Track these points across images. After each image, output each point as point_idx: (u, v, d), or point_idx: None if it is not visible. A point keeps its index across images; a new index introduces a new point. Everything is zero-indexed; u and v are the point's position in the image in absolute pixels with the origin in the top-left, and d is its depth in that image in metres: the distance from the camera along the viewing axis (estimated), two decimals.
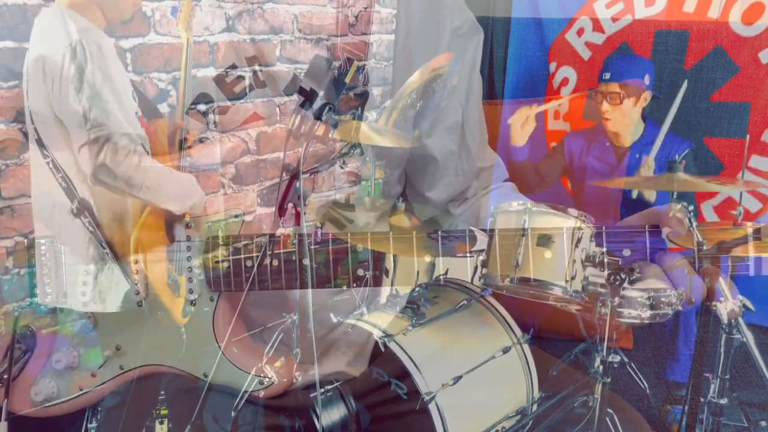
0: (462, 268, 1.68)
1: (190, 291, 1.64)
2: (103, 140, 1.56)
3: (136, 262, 1.62)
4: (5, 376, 1.61)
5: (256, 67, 2.32)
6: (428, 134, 2.44)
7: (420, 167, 2.58)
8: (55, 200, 1.63)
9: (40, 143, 1.62)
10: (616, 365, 1.52)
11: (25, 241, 1.81)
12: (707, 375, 1.66)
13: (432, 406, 1.58)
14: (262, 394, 1.64)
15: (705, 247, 1.44)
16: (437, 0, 2.46)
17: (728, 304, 1.54)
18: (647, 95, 2.48)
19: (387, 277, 1.66)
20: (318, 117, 1.44)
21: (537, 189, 2.72)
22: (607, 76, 2.52)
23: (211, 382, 1.65)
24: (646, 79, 2.51)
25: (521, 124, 2.53)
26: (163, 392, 1.68)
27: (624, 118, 2.49)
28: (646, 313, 1.62)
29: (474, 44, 2.63)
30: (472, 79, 2.66)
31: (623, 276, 1.48)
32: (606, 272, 1.49)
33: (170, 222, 1.66)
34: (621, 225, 1.59)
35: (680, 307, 1.56)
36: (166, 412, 1.65)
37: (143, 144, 1.68)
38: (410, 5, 2.52)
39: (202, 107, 2.23)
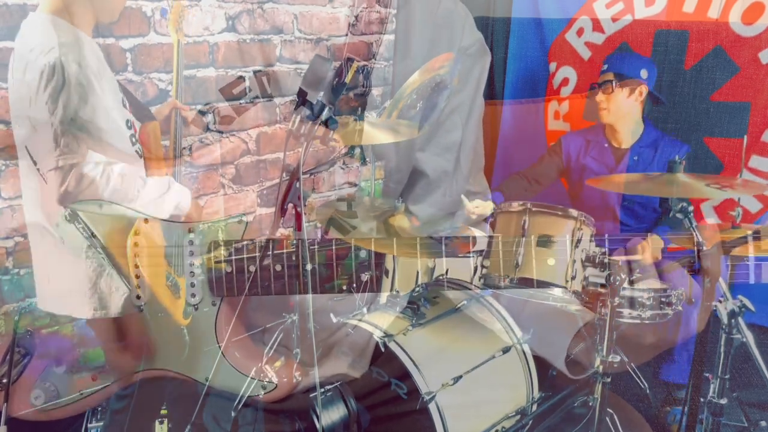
0: (462, 268, 1.68)
1: (192, 295, 1.64)
2: (68, 168, 1.54)
3: (136, 266, 1.61)
4: (5, 380, 1.60)
5: (259, 68, 2.32)
6: (426, 138, 2.43)
7: (410, 181, 2.58)
8: (49, 208, 1.62)
9: (28, 151, 1.61)
10: (616, 365, 1.53)
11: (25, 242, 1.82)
12: (707, 375, 1.66)
13: (432, 406, 1.58)
14: (261, 396, 1.64)
15: (705, 248, 1.44)
16: (447, 18, 2.46)
17: (728, 304, 1.54)
18: (643, 89, 2.47)
19: (387, 277, 1.66)
20: (318, 119, 1.44)
21: (532, 194, 2.71)
22: (605, 67, 2.54)
23: (213, 385, 1.64)
24: (644, 73, 2.51)
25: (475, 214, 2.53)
26: (164, 393, 1.68)
27: (618, 110, 2.48)
28: (646, 313, 1.62)
29: (481, 65, 2.62)
30: (476, 100, 2.65)
31: (623, 276, 1.48)
32: (606, 272, 1.49)
33: (168, 224, 1.66)
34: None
35: (680, 307, 1.56)
36: (165, 411, 1.65)
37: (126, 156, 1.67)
38: (416, 20, 2.51)
39: (202, 109, 2.24)
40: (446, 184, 2.47)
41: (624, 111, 2.53)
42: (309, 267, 1.52)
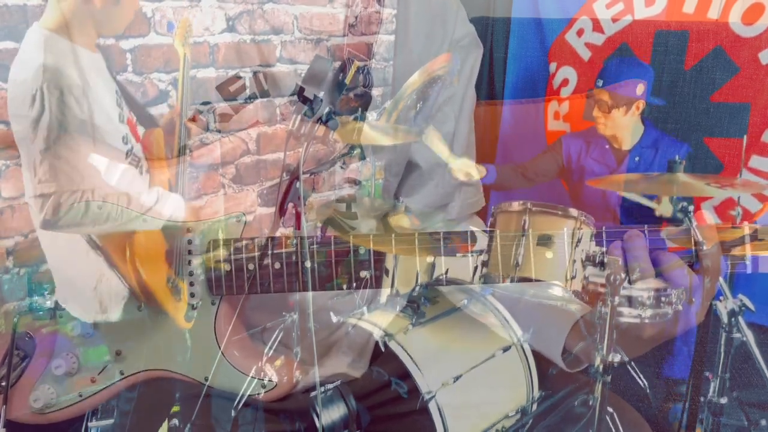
0: (462, 267, 1.68)
1: (192, 295, 1.64)
2: (47, 197, 1.53)
3: (134, 266, 1.61)
4: (3, 383, 1.59)
5: (259, 68, 2.32)
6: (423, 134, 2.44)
7: (404, 173, 2.58)
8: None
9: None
10: (616, 364, 1.52)
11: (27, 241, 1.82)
12: (707, 374, 1.66)
13: (432, 405, 1.58)
14: (262, 395, 1.64)
15: (705, 247, 1.44)
16: (441, 10, 2.48)
17: (728, 303, 1.54)
18: (640, 104, 2.48)
19: (387, 276, 1.66)
20: (318, 116, 1.44)
21: (529, 185, 2.72)
22: (600, 83, 2.54)
23: (213, 386, 1.64)
24: (639, 89, 2.50)
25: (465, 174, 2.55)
26: (166, 394, 1.67)
27: (615, 125, 2.51)
28: (647, 313, 1.62)
29: (473, 57, 2.64)
30: (468, 91, 2.67)
31: (623, 275, 1.48)
32: (606, 272, 1.49)
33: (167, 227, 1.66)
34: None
35: (680, 307, 1.56)
36: (177, 409, 1.64)
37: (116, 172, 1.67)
38: (412, 16, 2.52)
39: (202, 109, 2.24)
40: (439, 176, 2.48)
41: (622, 125, 2.57)
42: (308, 265, 1.52)
